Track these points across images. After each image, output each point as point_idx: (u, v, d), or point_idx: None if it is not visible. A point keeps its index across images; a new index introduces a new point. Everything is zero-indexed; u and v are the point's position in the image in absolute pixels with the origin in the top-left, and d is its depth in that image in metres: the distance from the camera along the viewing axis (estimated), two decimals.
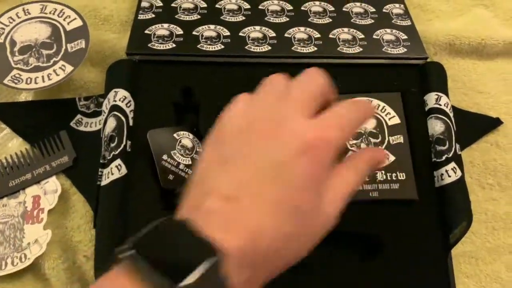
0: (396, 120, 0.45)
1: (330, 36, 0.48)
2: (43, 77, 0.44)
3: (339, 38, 0.48)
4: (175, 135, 0.42)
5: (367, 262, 0.41)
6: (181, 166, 0.41)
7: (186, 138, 0.42)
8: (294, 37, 0.47)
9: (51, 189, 0.44)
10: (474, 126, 0.53)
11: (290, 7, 0.51)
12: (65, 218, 0.44)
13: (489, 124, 0.53)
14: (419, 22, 0.53)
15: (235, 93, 0.44)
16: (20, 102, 0.49)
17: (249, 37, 0.47)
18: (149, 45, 0.45)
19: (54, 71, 0.44)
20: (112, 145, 0.41)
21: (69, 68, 0.44)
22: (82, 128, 0.47)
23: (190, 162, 0.41)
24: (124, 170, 0.40)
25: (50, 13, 0.46)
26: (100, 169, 0.42)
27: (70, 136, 0.46)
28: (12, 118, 0.47)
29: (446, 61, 0.54)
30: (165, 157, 0.40)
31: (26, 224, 0.42)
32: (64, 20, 0.46)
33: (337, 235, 0.40)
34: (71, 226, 0.44)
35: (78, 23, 0.46)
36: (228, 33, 0.47)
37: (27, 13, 0.46)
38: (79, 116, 0.47)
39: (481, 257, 0.47)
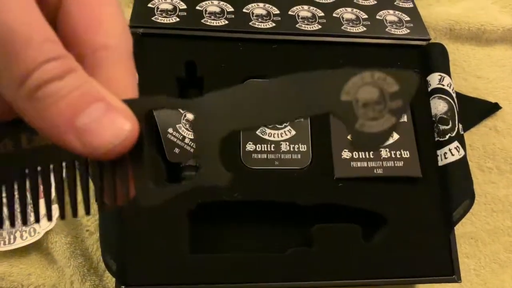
0: None
1: (334, 15, 0.48)
2: None
3: (342, 17, 0.48)
4: (179, 109, 0.41)
5: (371, 238, 0.41)
6: (186, 140, 0.40)
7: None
8: (298, 15, 0.47)
9: None
10: (473, 110, 0.53)
11: None
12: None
13: (488, 108, 0.54)
14: (419, 6, 0.53)
15: (238, 68, 0.44)
16: None
17: (253, 13, 0.46)
18: (153, 18, 0.44)
19: None
20: None
21: None
22: None
23: None
24: None
25: None
26: None
27: None
28: None
29: (446, 46, 0.54)
30: (170, 130, 0.40)
31: None
32: None
33: (340, 211, 0.41)
34: None
35: None
36: (232, 9, 0.46)
37: None
38: None
39: (481, 238, 0.48)
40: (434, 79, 0.46)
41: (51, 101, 0.15)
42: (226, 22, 0.45)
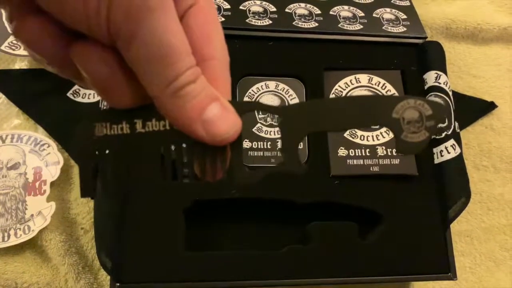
0: None
1: (331, 13, 0.48)
2: None
3: (339, 15, 0.48)
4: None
5: (367, 236, 0.41)
6: None
7: None
8: (295, 13, 0.47)
9: (53, 160, 0.43)
10: (469, 109, 0.53)
11: None
12: (62, 190, 0.43)
13: (484, 107, 0.54)
14: (416, 5, 0.53)
15: (235, 65, 0.44)
16: (15, 70, 0.47)
17: (249, 10, 0.46)
18: None
19: None
20: None
21: None
22: (79, 99, 0.46)
23: None
24: None
25: None
26: None
27: (66, 107, 0.45)
28: (7, 86, 0.46)
29: (442, 44, 0.54)
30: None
31: (28, 196, 0.41)
32: None
33: (337, 208, 0.41)
34: (68, 199, 0.43)
35: None
36: (229, 6, 0.46)
37: None
38: (76, 86, 0.46)
39: (476, 236, 0.48)
40: (430, 77, 0.46)
41: (188, 99, 0.20)
42: (223, 19, 0.45)
